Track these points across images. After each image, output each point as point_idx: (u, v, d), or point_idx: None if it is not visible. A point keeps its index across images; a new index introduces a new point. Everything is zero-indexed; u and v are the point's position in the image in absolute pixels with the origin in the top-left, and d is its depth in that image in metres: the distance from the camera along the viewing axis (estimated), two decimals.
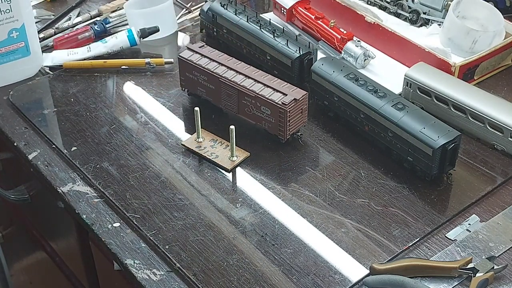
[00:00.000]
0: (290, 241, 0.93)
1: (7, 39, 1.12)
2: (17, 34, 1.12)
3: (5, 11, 1.08)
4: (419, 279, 0.87)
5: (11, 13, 1.09)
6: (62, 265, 1.34)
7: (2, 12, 1.09)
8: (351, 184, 1.02)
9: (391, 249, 0.91)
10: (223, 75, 1.09)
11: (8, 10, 1.08)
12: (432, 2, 1.29)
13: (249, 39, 1.23)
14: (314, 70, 1.13)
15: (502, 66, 1.25)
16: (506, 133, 1.04)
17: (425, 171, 1.00)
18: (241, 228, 0.95)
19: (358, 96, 1.06)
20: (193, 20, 1.42)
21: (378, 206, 0.98)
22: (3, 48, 1.12)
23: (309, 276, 0.88)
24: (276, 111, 1.04)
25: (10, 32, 1.11)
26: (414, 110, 1.02)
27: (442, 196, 0.99)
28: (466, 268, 0.87)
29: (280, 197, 1.00)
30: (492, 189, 1.00)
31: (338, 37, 1.26)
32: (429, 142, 0.97)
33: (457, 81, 1.14)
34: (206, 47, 1.15)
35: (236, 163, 1.05)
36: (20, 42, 1.14)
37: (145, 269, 0.90)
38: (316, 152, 1.08)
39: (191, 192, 1.01)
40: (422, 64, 1.16)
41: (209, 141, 1.09)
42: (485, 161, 1.05)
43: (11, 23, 1.11)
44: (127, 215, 0.97)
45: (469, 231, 0.94)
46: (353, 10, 1.32)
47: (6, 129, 1.15)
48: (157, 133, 1.12)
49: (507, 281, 0.87)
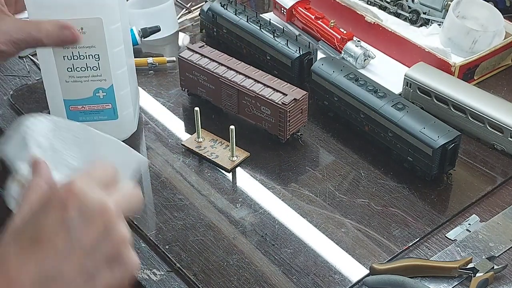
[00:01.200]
0: (290, 241, 0.93)
1: (92, 98, 1.03)
2: (103, 95, 1.03)
3: (92, 68, 1.02)
4: (419, 279, 0.87)
5: (98, 71, 1.00)
6: None
7: (89, 68, 1.02)
8: (351, 184, 1.02)
9: (391, 249, 0.91)
10: (223, 75, 1.09)
11: (96, 68, 1.02)
12: (432, 2, 1.29)
13: (249, 39, 1.23)
14: (314, 70, 1.13)
15: (502, 66, 1.25)
16: (506, 133, 1.04)
17: (425, 171, 1.00)
18: (241, 228, 0.95)
19: (358, 96, 1.06)
20: (193, 20, 1.42)
21: (378, 206, 0.98)
22: (86, 106, 1.03)
23: (309, 276, 0.88)
24: (276, 111, 1.04)
25: (96, 91, 1.03)
26: (414, 110, 1.02)
27: (442, 196, 0.99)
28: (466, 268, 0.87)
29: (280, 197, 1.00)
30: (492, 189, 1.00)
31: (338, 37, 1.26)
32: (429, 142, 0.97)
33: (457, 81, 1.14)
34: (206, 47, 1.15)
35: (236, 163, 1.05)
36: (107, 103, 1.04)
37: (145, 269, 0.90)
38: (316, 152, 1.08)
39: (191, 192, 1.01)
40: (422, 64, 1.16)
41: (209, 141, 1.09)
42: (485, 161, 1.05)
43: (97, 81, 1.01)
44: None
45: (469, 231, 0.94)
46: (353, 10, 1.32)
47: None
48: (157, 133, 1.12)
49: (507, 281, 0.87)
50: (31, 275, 0.53)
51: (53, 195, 0.56)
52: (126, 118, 1.07)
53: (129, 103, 1.07)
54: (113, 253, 0.57)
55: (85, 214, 0.55)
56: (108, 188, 0.58)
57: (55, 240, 0.54)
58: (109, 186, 0.58)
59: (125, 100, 1.05)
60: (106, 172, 0.60)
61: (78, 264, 0.54)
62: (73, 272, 0.54)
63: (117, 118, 1.06)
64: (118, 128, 1.07)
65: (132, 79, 1.09)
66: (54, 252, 0.54)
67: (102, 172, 0.59)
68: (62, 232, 0.54)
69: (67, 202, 0.55)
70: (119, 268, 0.58)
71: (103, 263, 0.56)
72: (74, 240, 0.54)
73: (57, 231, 0.54)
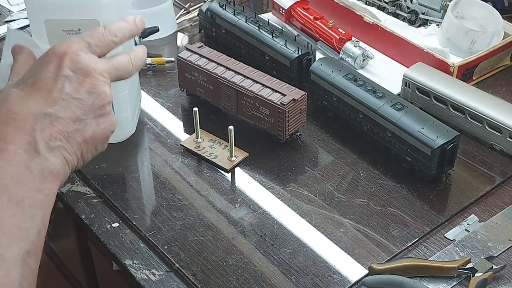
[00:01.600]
0: (289, 241, 0.93)
1: None
2: None
3: None
4: (418, 279, 0.87)
5: None
6: (61, 265, 1.34)
7: None
8: (350, 184, 1.02)
9: (390, 249, 0.91)
10: (222, 76, 1.09)
11: None
12: (431, 3, 1.29)
13: (247, 39, 1.23)
14: (313, 70, 1.13)
15: (500, 66, 1.25)
16: (504, 133, 1.04)
17: (424, 171, 1.00)
18: (240, 228, 0.95)
19: (357, 96, 1.06)
20: (192, 20, 1.42)
21: (377, 206, 0.98)
22: None
23: (308, 276, 0.88)
24: (275, 111, 1.04)
25: None
26: (413, 110, 1.02)
27: (441, 196, 0.99)
28: (465, 268, 0.87)
29: (279, 197, 1.00)
30: (490, 189, 1.01)
31: (337, 37, 1.26)
32: (428, 142, 0.97)
33: (455, 81, 1.14)
34: (204, 48, 1.15)
35: (235, 163, 1.05)
36: None
37: (144, 269, 0.90)
38: (315, 152, 1.08)
39: (190, 192, 1.01)
40: (421, 64, 1.16)
41: (208, 141, 1.09)
42: (484, 161, 1.05)
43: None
44: (126, 215, 0.97)
45: (467, 231, 0.94)
46: (352, 10, 1.32)
47: None
48: (156, 133, 1.12)
49: (505, 281, 0.87)
50: (32, 111, 0.65)
51: (51, 52, 0.69)
52: (123, 121, 1.06)
53: (126, 105, 1.06)
54: (98, 108, 0.70)
55: (77, 72, 0.68)
56: (102, 52, 0.72)
57: (51, 89, 0.67)
58: (103, 51, 0.73)
59: (122, 103, 1.04)
60: (103, 37, 0.73)
61: (70, 110, 0.67)
62: (66, 114, 0.67)
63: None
64: (115, 130, 1.06)
65: (132, 81, 1.09)
66: (51, 98, 0.67)
67: (99, 37, 0.72)
68: (58, 84, 0.67)
69: (62, 60, 0.68)
70: (103, 121, 0.71)
71: (90, 113, 0.69)
72: (68, 91, 0.68)
73: (53, 82, 0.67)
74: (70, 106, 0.67)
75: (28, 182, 0.63)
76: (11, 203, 0.61)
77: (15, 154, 0.63)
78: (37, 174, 0.64)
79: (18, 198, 0.62)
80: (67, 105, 0.67)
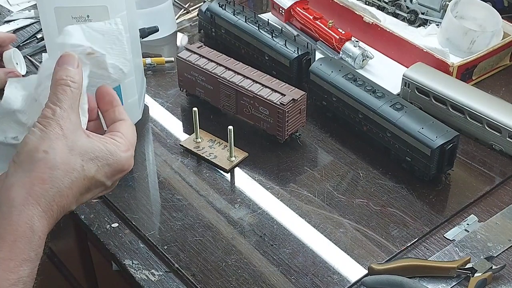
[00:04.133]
0: (289, 241, 0.93)
1: None
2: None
3: None
4: (417, 279, 0.87)
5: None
6: (61, 265, 1.34)
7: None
8: (349, 184, 1.02)
9: (390, 249, 0.91)
10: (221, 76, 1.09)
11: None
12: (430, 3, 1.29)
13: (247, 39, 1.23)
14: (313, 70, 1.13)
15: (500, 66, 1.25)
16: (504, 133, 1.04)
17: (423, 171, 1.00)
18: (240, 228, 0.95)
19: (357, 96, 1.06)
20: (192, 20, 1.42)
21: (377, 206, 0.98)
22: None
23: (307, 276, 0.88)
24: (274, 112, 1.04)
25: None
26: (413, 110, 1.02)
27: (440, 196, 0.99)
28: (464, 268, 0.87)
29: (278, 197, 1.00)
30: (490, 189, 1.01)
31: (337, 37, 1.26)
32: (427, 142, 0.97)
33: (455, 81, 1.14)
34: (204, 48, 1.15)
35: (234, 164, 1.05)
36: None
37: (143, 270, 0.90)
38: (315, 152, 1.08)
39: (190, 192, 1.01)
40: (420, 64, 1.16)
41: (208, 141, 1.09)
42: (483, 161, 1.05)
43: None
44: (125, 215, 0.97)
45: (467, 231, 0.94)
46: (351, 10, 1.32)
47: None
48: (155, 133, 1.12)
49: (505, 281, 0.87)
50: (36, 228, 0.62)
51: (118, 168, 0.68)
52: (130, 106, 1.08)
53: (134, 91, 1.08)
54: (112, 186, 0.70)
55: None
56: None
57: (77, 201, 0.66)
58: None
59: (130, 88, 1.06)
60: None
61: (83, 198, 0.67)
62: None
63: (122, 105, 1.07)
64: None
65: (138, 69, 1.10)
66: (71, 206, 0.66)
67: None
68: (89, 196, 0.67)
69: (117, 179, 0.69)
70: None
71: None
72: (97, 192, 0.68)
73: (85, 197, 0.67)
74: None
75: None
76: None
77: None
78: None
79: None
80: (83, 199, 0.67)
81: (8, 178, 0.62)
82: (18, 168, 0.62)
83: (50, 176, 0.62)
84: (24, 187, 0.61)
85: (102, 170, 0.65)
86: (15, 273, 0.60)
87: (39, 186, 0.61)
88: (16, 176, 0.62)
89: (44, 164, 0.62)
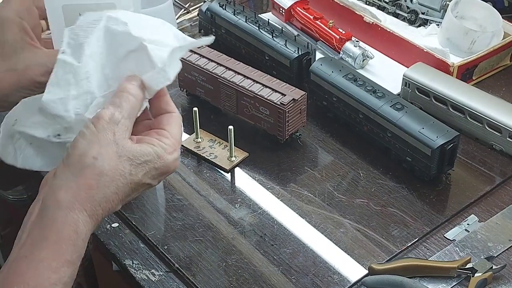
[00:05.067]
0: (289, 241, 0.93)
1: None
2: None
3: None
4: (418, 279, 0.87)
5: None
6: None
7: None
8: (350, 184, 1.02)
9: (390, 249, 0.91)
10: (222, 76, 1.09)
11: None
12: (431, 2, 1.29)
13: (247, 39, 1.23)
14: (313, 70, 1.13)
15: (500, 66, 1.25)
16: (504, 133, 1.04)
17: (424, 171, 1.00)
18: (240, 228, 0.95)
19: (357, 96, 1.06)
20: (192, 20, 1.42)
21: (377, 206, 0.98)
22: None
23: (308, 276, 0.88)
24: (275, 112, 1.04)
25: None
26: (413, 110, 1.02)
27: (440, 196, 0.99)
28: (464, 268, 0.87)
29: (279, 197, 1.00)
30: (490, 189, 1.01)
31: (337, 37, 1.26)
32: (428, 142, 0.97)
33: (455, 81, 1.14)
34: (204, 47, 1.15)
35: (235, 164, 1.05)
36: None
37: (144, 270, 0.90)
38: (315, 152, 1.08)
39: (190, 192, 1.01)
40: (421, 64, 1.16)
41: (208, 141, 1.09)
42: (484, 161, 1.05)
43: None
44: (125, 215, 0.97)
45: (467, 231, 0.94)
46: (352, 10, 1.32)
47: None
48: None
49: (505, 281, 0.87)
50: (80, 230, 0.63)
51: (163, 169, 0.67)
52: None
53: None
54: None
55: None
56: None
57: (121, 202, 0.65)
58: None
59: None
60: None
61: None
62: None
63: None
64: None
65: None
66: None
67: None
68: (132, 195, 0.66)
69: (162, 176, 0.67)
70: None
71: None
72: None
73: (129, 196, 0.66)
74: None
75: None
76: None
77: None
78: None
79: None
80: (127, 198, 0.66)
81: (56, 179, 0.63)
82: (67, 170, 0.63)
83: (97, 183, 0.62)
84: (71, 191, 0.62)
85: (149, 174, 0.66)
86: (57, 273, 0.61)
87: (86, 192, 0.62)
88: (64, 178, 0.63)
89: (92, 170, 0.62)
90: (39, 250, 0.61)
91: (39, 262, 0.60)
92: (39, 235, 0.61)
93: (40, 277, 0.60)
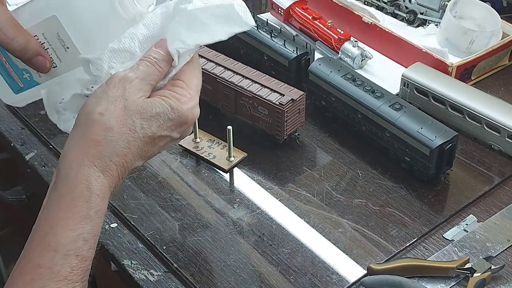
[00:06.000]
0: (288, 241, 0.93)
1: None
2: None
3: None
4: (416, 279, 0.87)
5: None
6: None
7: None
8: (348, 184, 1.02)
9: (389, 249, 0.91)
10: (220, 76, 1.09)
11: None
12: (429, 3, 1.29)
13: (246, 39, 1.23)
14: (312, 70, 1.13)
15: (499, 66, 1.25)
16: (503, 133, 1.04)
17: (422, 171, 1.00)
18: (239, 228, 0.95)
19: (356, 96, 1.06)
20: None
21: (376, 206, 0.98)
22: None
23: (306, 276, 0.88)
24: (273, 112, 1.04)
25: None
26: (412, 110, 1.02)
27: (439, 196, 0.99)
28: (463, 268, 0.87)
29: (277, 197, 1.00)
30: (489, 189, 1.01)
31: (335, 37, 1.26)
32: (426, 142, 0.97)
33: (454, 81, 1.14)
34: (203, 48, 1.15)
35: (233, 164, 1.05)
36: None
37: (142, 270, 0.90)
38: (314, 152, 1.08)
39: (189, 192, 1.01)
40: (419, 64, 1.16)
41: (207, 141, 1.09)
42: (482, 161, 1.05)
43: None
44: (124, 215, 0.97)
45: (466, 231, 0.94)
46: (350, 10, 1.32)
47: (3, 129, 1.15)
48: None
49: (504, 281, 0.87)
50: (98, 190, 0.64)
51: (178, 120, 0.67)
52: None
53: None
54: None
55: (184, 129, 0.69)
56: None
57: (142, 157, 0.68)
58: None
59: None
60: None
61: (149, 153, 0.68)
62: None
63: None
64: None
65: None
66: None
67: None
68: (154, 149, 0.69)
69: (181, 129, 0.68)
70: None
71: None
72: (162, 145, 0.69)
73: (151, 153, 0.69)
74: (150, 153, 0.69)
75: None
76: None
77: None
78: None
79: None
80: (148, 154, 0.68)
81: (68, 140, 0.65)
82: (76, 129, 0.64)
83: (104, 138, 0.63)
84: (79, 149, 0.63)
85: (164, 126, 0.66)
86: (74, 230, 0.62)
87: (93, 148, 0.63)
88: (74, 138, 0.64)
89: (99, 126, 0.63)
90: (56, 211, 0.62)
91: (57, 222, 0.62)
92: (55, 197, 0.63)
93: (59, 236, 0.61)
